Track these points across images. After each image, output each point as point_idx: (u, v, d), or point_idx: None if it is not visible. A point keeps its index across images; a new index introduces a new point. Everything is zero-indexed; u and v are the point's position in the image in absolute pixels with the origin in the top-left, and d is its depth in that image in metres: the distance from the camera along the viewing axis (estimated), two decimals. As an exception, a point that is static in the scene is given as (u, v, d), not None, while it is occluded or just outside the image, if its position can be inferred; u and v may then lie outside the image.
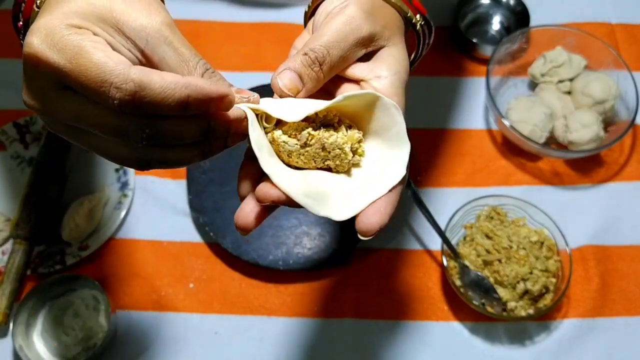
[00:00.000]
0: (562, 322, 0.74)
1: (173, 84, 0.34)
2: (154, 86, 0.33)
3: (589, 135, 0.79)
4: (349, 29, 0.41)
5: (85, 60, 0.33)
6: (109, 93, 0.33)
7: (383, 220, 0.40)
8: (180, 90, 0.34)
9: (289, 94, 0.40)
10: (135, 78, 0.33)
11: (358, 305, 0.75)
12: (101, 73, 0.33)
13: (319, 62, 0.40)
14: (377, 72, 0.42)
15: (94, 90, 0.33)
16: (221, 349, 0.73)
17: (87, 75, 0.33)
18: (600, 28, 0.94)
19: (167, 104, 0.34)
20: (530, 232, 0.75)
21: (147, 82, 0.33)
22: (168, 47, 0.36)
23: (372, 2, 0.43)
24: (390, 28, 0.43)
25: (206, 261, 0.78)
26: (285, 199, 0.38)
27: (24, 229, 0.76)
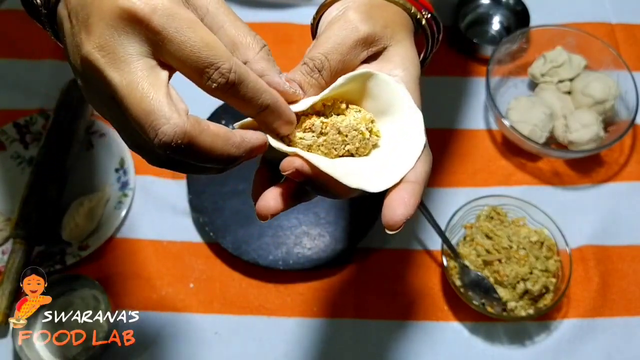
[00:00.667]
0: (562, 322, 0.74)
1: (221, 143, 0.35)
2: (201, 142, 0.34)
3: (589, 135, 0.79)
4: (345, 32, 0.41)
5: (197, 35, 0.34)
6: (155, 136, 0.33)
7: (408, 212, 0.40)
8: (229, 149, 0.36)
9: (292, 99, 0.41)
10: (239, 62, 0.35)
11: (358, 305, 0.75)
12: (210, 51, 0.34)
13: (317, 69, 0.41)
14: (384, 72, 0.42)
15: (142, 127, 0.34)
16: (221, 349, 0.73)
17: (194, 49, 0.34)
18: (600, 28, 0.94)
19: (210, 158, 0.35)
20: (530, 232, 0.75)
21: (246, 74, 0.35)
22: (226, 17, 0.37)
23: (370, 3, 0.43)
24: (392, 27, 0.43)
25: (206, 261, 0.78)
26: (309, 171, 0.38)
27: (24, 229, 0.75)
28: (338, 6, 0.44)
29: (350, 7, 0.43)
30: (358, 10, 0.42)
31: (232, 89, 0.35)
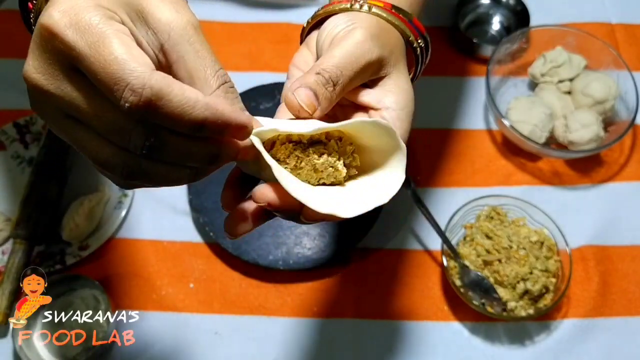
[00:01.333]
0: (562, 322, 0.74)
1: (193, 101, 0.32)
2: (172, 98, 0.31)
3: (589, 135, 0.79)
4: (360, 52, 0.40)
5: (106, 51, 0.31)
6: (123, 93, 0.31)
7: None
8: (200, 109, 0.32)
9: (307, 110, 0.39)
10: (154, 85, 0.31)
11: (358, 305, 0.75)
12: (119, 70, 0.31)
13: (332, 82, 0.39)
14: (385, 103, 0.42)
15: (107, 85, 0.31)
16: (221, 349, 0.73)
17: (104, 68, 0.31)
18: (600, 28, 0.94)
19: (182, 120, 0.32)
20: (530, 232, 0.75)
21: (166, 92, 0.31)
22: (190, 47, 0.34)
23: (378, 26, 0.43)
24: (395, 53, 0.43)
25: (206, 261, 0.78)
26: (279, 203, 0.37)
27: (24, 229, 0.75)
28: (344, 20, 0.43)
29: (362, 26, 0.42)
30: (369, 31, 0.41)
31: (151, 107, 0.31)
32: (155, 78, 0.31)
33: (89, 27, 0.32)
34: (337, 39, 0.42)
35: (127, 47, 0.32)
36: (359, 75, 0.41)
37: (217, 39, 0.93)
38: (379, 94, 0.42)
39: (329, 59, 0.40)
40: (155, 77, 0.31)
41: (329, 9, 0.45)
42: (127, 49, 0.32)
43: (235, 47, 0.93)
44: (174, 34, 0.34)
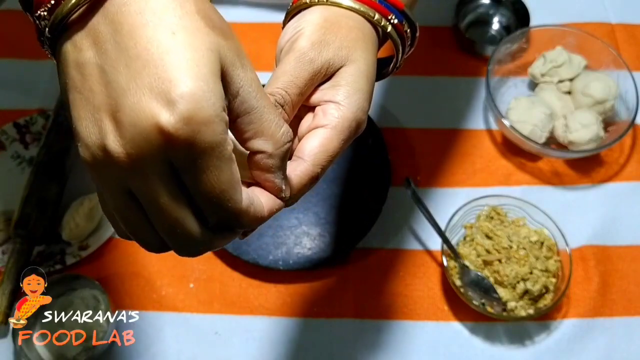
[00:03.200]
0: (562, 322, 0.74)
1: (257, 218, 0.35)
2: (247, 220, 0.34)
3: (589, 135, 0.79)
4: (302, 65, 0.40)
5: (219, 180, 0.31)
6: (211, 212, 0.33)
7: None
8: (256, 221, 0.35)
9: None
10: (244, 207, 0.33)
11: (358, 305, 0.75)
12: (224, 198, 0.32)
13: (279, 104, 0.39)
14: (332, 96, 0.41)
15: (207, 201, 0.32)
16: (221, 349, 0.73)
17: (211, 192, 0.32)
18: (600, 28, 0.94)
19: (246, 227, 0.35)
20: (530, 232, 0.75)
21: (245, 216, 0.34)
22: (257, 102, 0.34)
23: (324, 24, 0.42)
24: (347, 46, 0.41)
25: (206, 261, 0.78)
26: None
27: (24, 229, 0.75)
28: (291, 27, 0.42)
29: (303, 33, 0.41)
30: (311, 38, 0.41)
31: (230, 225, 0.34)
32: (243, 207, 0.33)
33: (211, 151, 0.30)
34: (283, 53, 0.42)
35: (234, 175, 0.32)
36: (307, 87, 0.40)
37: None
38: (325, 90, 0.42)
39: (274, 81, 0.40)
40: (244, 205, 0.33)
41: (295, 5, 0.44)
42: (234, 178, 0.32)
43: (235, 47, 0.93)
44: (243, 92, 0.33)
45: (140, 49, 0.30)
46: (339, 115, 0.40)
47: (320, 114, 0.41)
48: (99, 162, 0.32)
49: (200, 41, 0.31)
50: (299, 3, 0.44)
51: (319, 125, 0.40)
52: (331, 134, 0.40)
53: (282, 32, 0.44)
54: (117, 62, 0.30)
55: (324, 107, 0.41)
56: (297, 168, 0.39)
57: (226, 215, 0.33)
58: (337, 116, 0.40)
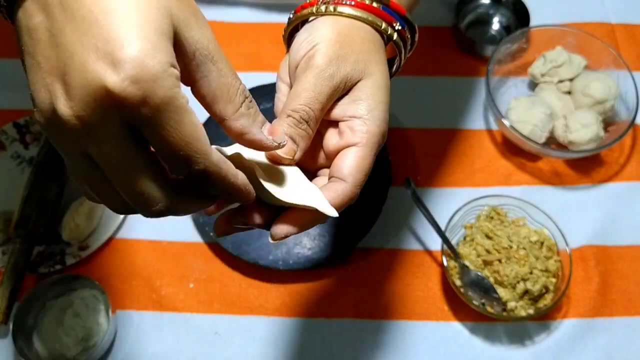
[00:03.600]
0: (562, 322, 0.74)
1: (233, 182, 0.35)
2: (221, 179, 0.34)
3: (589, 135, 0.79)
4: (322, 82, 0.41)
5: (181, 132, 0.31)
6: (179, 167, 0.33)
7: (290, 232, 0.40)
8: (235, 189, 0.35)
9: (288, 157, 0.41)
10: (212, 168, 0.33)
11: (358, 305, 0.75)
12: (189, 149, 0.32)
13: (304, 120, 0.40)
14: (355, 111, 0.42)
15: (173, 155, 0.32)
16: (221, 349, 0.73)
17: (175, 145, 0.31)
18: (600, 28, 0.94)
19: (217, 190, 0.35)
20: (530, 232, 0.75)
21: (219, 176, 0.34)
22: (213, 66, 0.34)
23: (338, 38, 0.42)
24: (362, 60, 0.42)
25: (206, 261, 0.78)
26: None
27: (24, 229, 0.75)
28: (305, 38, 0.43)
29: (319, 49, 0.41)
30: (327, 54, 0.41)
31: (200, 183, 0.34)
32: (212, 160, 0.33)
33: (166, 106, 0.30)
34: (300, 69, 0.42)
35: (196, 126, 0.32)
36: (328, 102, 0.41)
37: (217, 39, 0.93)
38: (345, 105, 0.42)
39: (296, 99, 0.41)
40: (213, 158, 0.33)
41: (298, 15, 0.45)
42: (196, 129, 0.32)
43: (235, 47, 0.93)
44: (199, 54, 0.33)
45: (85, 10, 0.30)
46: (366, 131, 0.41)
47: (348, 131, 0.42)
48: (53, 126, 0.32)
49: (146, 0, 0.30)
50: (304, 13, 0.44)
51: (350, 144, 0.41)
52: (364, 152, 0.41)
53: (295, 47, 0.44)
54: (64, 24, 0.30)
55: (349, 124, 0.42)
56: (339, 189, 0.40)
57: (195, 169, 0.33)
58: (365, 131, 0.41)
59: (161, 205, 0.34)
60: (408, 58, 0.49)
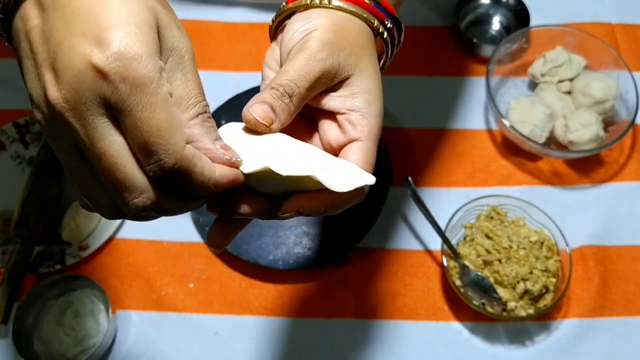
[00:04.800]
0: (562, 322, 0.74)
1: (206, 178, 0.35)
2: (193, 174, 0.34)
3: (589, 135, 0.79)
4: (312, 63, 0.41)
5: (154, 118, 0.32)
6: (154, 160, 0.33)
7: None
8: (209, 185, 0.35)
9: (264, 123, 0.39)
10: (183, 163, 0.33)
11: (358, 305, 0.75)
12: (160, 140, 0.32)
13: (288, 94, 0.40)
14: (352, 105, 0.42)
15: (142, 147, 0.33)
16: (221, 349, 0.73)
17: (147, 134, 0.32)
18: (600, 28, 0.94)
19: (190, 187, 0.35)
20: (530, 232, 0.75)
21: (191, 170, 0.34)
22: (182, 75, 0.35)
23: (334, 28, 0.42)
24: (356, 52, 0.42)
25: (206, 261, 0.78)
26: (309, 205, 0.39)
27: (24, 229, 0.75)
28: (300, 27, 0.43)
29: (314, 36, 0.42)
30: (322, 40, 0.41)
31: (174, 179, 0.34)
32: (186, 154, 0.33)
33: (143, 87, 0.32)
34: (292, 52, 0.42)
35: (171, 116, 0.33)
36: (315, 85, 0.41)
37: (217, 39, 0.93)
38: (342, 98, 0.43)
39: (283, 74, 0.41)
40: (187, 152, 0.33)
41: (291, 5, 0.45)
42: (171, 118, 0.33)
43: (235, 47, 0.93)
44: (172, 60, 0.35)
45: (75, 4, 0.32)
46: (366, 124, 0.42)
47: (348, 125, 0.42)
48: (46, 118, 0.34)
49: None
50: (297, 4, 0.44)
51: (353, 138, 0.42)
52: (368, 145, 0.42)
53: (288, 34, 0.44)
54: (54, 19, 0.32)
55: (348, 117, 0.42)
56: None
57: (166, 162, 0.33)
58: (365, 125, 0.42)
59: (145, 197, 0.34)
60: (405, 58, 0.49)
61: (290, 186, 0.39)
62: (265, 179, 0.38)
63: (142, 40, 0.32)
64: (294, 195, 0.39)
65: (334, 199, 0.39)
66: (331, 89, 0.43)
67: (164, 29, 0.34)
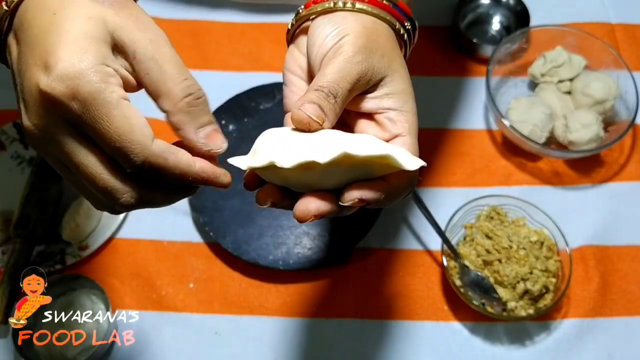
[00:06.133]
0: (562, 322, 0.74)
1: (184, 171, 0.36)
2: (166, 168, 0.36)
3: (589, 135, 0.79)
4: (350, 66, 0.41)
5: (112, 125, 0.34)
6: (125, 162, 0.35)
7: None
8: (188, 177, 0.37)
9: (317, 121, 0.39)
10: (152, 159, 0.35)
11: (358, 305, 0.75)
12: (124, 144, 0.34)
13: (332, 94, 0.40)
14: (390, 104, 0.43)
15: (112, 152, 0.35)
16: (221, 349, 0.73)
17: (110, 140, 0.34)
18: (600, 28, 0.94)
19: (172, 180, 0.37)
20: (530, 232, 0.75)
21: (163, 165, 0.35)
22: (153, 63, 0.36)
23: (365, 32, 0.43)
24: (388, 54, 0.43)
25: (206, 261, 0.78)
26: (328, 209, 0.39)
27: (24, 229, 0.75)
28: (332, 31, 0.43)
29: (348, 40, 0.42)
30: (356, 44, 0.42)
31: (150, 175, 0.36)
32: (153, 151, 0.35)
33: (92, 100, 0.34)
34: (327, 57, 0.42)
35: (128, 118, 0.34)
36: (354, 87, 0.42)
37: (217, 39, 0.93)
38: (378, 99, 0.43)
39: (323, 77, 0.41)
40: (154, 149, 0.35)
41: (311, 9, 0.45)
42: (129, 121, 0.34)
43: (235, 47, 0.93)
44: (138, 54, 0.36)
45: (33, 35, 0.35)
46: (406, 120, 0.43)
47: (388, 122, 0.43)
48: (30, 142, 0.37)
49: (77, 12, 0.35)
50: (319, 9, 0.44)
51: (395, 134, 0.43)
52: (412, 140, 0.43)
53: (319, 40, 0.43)
54: (24, 51, 0.36)
55: (387, 115, 0.43)
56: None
57: (134, 161, 0.35)
58: (405, 121, 0.43)
59: (128, 196, 0.36)
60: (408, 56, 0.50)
61: (355, 174, 0.39)
62: (329, 172, 0.38)
63: (82, 55, 0.34)
64: (353, 183, 0.39)
65: (391, 187, 0.39)
66: (366, 92, 0.43)
67: (119, 31, 0.36)
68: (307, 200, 0.38)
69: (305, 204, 0.38)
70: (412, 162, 0.39)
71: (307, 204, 0.38)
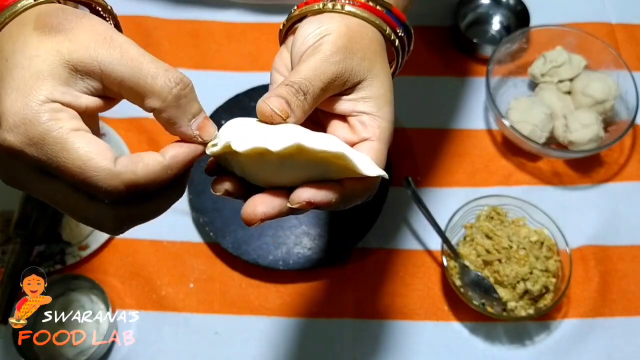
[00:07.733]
0: (562, 322, 0.74)
1: (157, 172, 0.35)
2: (139, 180, 0.35)
3: (589, 135, 0.79)
4: (326, 65, 0.40)
5: (69, 159, 0.33)
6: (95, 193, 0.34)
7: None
8: (165, 173, 0.36)
9: (280, 115, 0.39)
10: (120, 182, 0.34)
11: (357, 305, 0.75)
12: (87, 175, 0.34)
13: (302, 91, 0.40)
14: (364, 108, 0.42)
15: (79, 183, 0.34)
16: (221, 349, 0.73)
17: (73, 175, 0.34)
18: (600, 28, 0.94)
19: (153, 187, 0.36)
20: (530, 232, 0.75)
21: (133, 180, 0.34)
22: (123, 67, 0.35)
23: (348, 33, 0.42)
24: (369, 58, 0.42)
25: (206, 261, 0.78)
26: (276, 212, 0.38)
27: (24, 229, 0.75)
28: (314, 30, 0.42)
29: (328, 39, 0.41)
30: (336, 44, 0.41)
31: (129, 195, 0.35)
32: (119, 171, 0.34)
33: (43, 141, 0.33)
34: (305, 55, 0.42)
35: (84, 148, 0.34)
36: (329, 86, 0.41)
37: (217, 39, 0.93)
38: (354, 102, 0.42)
39: (296, 73, 0.40)
40: (119, 169, 0.34)
41: (303, 10, 0.45)
42: (85, 150, 0.34)
43: (235, 47, 0.93)
44: (104, 67, 0.35)
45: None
46: (378, 126, 0.42)
47: (359, 125, 0.42)
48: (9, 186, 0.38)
49: (24, 54, 0.35)
50: (309, 9, 0.44)
51: (364, 138, 0.42)
52: (379, 146, 0.41)
53: (301, 38, 0.43)
54: None
55: (360, 119, 0.42)
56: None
57: (106, 188, 0.34)
58: (377, 126, 0.42)
59: (115, 220, 0.36)
60: (406, 61, 0.49)
61: (312, 172, 0.38)
62: (285, 165, 0.37)
63: (25, 100, 0.33)
64: (304, 184, 0.38)
65: (346, 190, 0.38)
66: (343, 93, 0.43)
67: (74, 53, 0.35)
68: (256, 201, 0.38)
69: (253, 206, 0.38)
70: (370, 168, 0.37)
71: (255, 206, 0.38)
